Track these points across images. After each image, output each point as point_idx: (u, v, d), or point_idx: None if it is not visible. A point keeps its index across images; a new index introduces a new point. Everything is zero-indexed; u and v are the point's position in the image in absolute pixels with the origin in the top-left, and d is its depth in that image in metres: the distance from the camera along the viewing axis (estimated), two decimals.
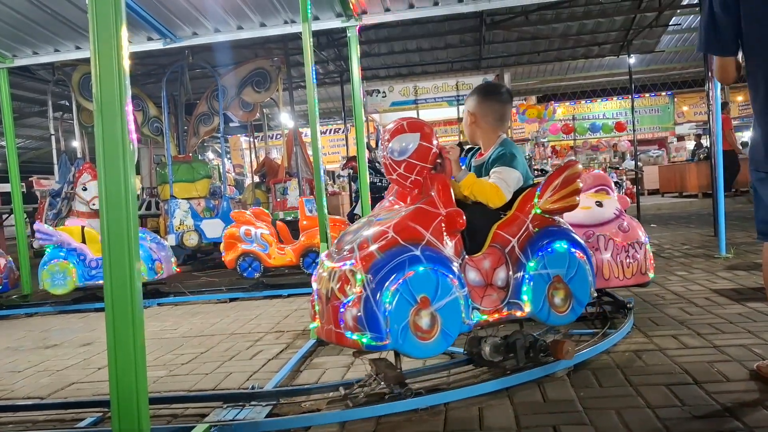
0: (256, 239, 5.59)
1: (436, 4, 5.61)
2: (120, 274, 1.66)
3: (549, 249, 2.41)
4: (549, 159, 17.14)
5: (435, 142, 2.36)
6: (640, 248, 3.31)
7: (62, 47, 6.23)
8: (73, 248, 5.38)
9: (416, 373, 2.57)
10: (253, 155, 11.77)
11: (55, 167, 9.07)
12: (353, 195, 9.84)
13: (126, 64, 1.69)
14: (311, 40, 3.83)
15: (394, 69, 12.21)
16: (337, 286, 2.19)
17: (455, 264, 2.26)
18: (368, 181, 5.93)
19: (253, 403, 2.41)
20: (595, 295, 2.66)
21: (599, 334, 2.98)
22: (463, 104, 3.58)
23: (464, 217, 2.29)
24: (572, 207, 2.50)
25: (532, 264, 2.36)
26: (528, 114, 16.00)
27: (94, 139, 1.71)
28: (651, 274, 3.35)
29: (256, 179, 10.29)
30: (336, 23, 5.69)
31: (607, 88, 18.27)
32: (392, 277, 2.10)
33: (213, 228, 7.75)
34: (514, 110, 15.41)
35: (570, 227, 2.59)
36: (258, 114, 9.92)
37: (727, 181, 6.35)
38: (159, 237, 6.01)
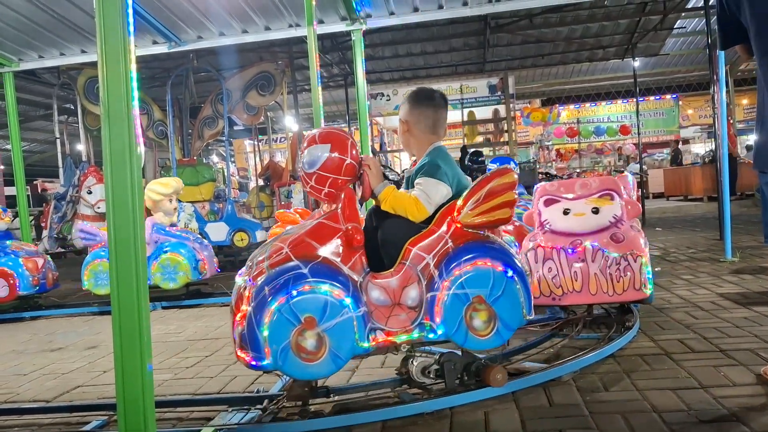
0: None
1: (440, 7, 5.62)
2: (127, 277, 1.67)
3: (468, 267, 2.19)
4: (553, 162, 17.17)
5: (353, 152, 2.25)
6: (635, 260, 2.98)
7: (68, 51, 6.27)
8: None
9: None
10: (257, 158, 11.79)
11: (60, 170, 9.10)
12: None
13: (133, 67, 1.70)
14: (316, 43, 3.84)
15: (398, 72, 12.23)
16: (235, 302, 2.18)
17: (352, 282, 2.15)
18: None
19: (258, 406, 2.40)
20: (530, 317, 2.29)
21: (605, 338, 2.97)
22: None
23: (362, 235, 2.20)
24: (503, 221, 2.28)
25: (446, 282, 2.17)
26: (532, 117, 16.02)
27: (100, 142, 1.72)
28: (648, 291, 3.01)
29: (261, 182, 10.31)
30: (341, 27, 5.71)
31: (611, 91, 18.24)
32: (274, 295, 2.04)
33: (217, 231, 7.76)
34: (518, 113, 15.38)
35: (502, 243, 2.36)
36: (262, 117, 9.93)
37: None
38: (201, 237, 5.97)
